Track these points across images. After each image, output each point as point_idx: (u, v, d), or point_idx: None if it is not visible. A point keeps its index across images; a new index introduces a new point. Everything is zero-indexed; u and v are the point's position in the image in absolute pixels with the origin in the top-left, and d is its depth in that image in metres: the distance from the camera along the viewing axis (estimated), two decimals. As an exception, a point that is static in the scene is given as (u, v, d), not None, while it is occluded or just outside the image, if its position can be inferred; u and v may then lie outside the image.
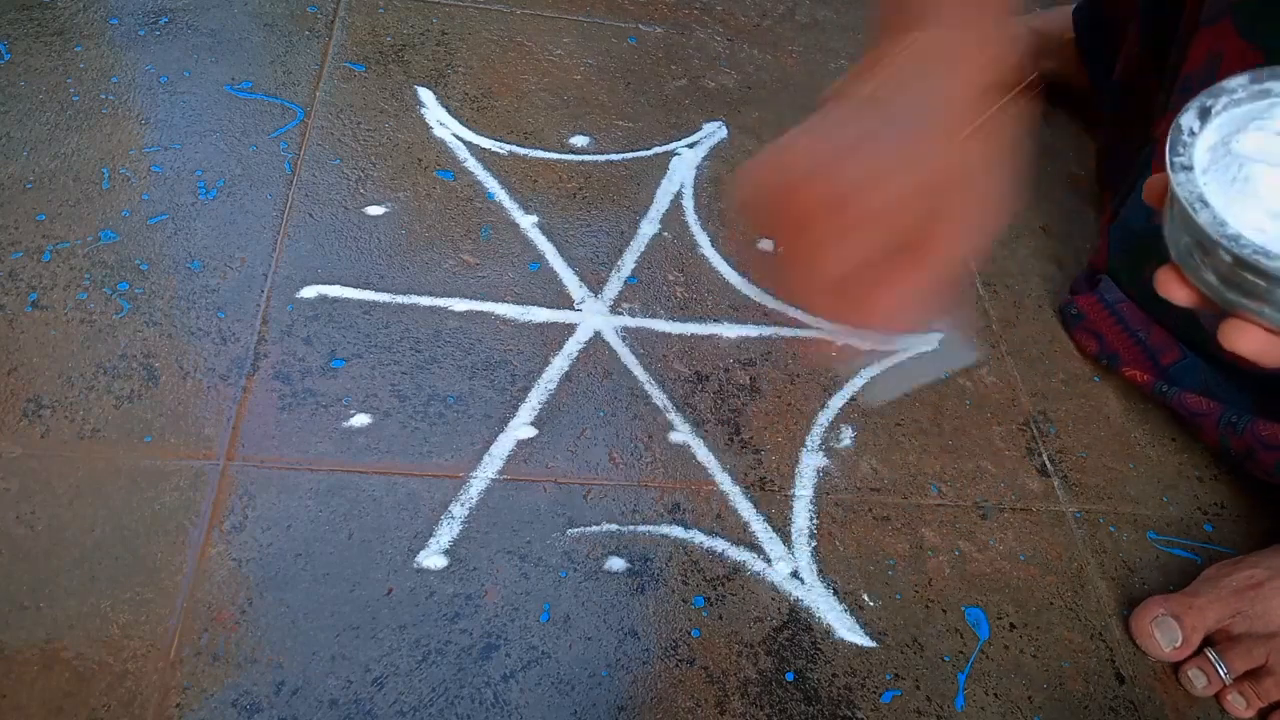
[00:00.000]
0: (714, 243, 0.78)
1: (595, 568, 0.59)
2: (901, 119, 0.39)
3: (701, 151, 0.85)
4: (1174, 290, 0.37)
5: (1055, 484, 0.69)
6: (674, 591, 0.59)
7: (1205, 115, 0.38)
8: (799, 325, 0.74)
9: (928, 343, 0.75)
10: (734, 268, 0.77)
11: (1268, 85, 0.38)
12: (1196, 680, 0.60)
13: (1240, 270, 0.34)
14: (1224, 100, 0.38)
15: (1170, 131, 0.37)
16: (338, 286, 0.69)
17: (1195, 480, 0.72)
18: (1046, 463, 0.70)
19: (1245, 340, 0.35)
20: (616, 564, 0.59)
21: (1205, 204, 0.35)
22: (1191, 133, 0.37)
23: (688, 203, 0.81)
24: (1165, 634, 0.60)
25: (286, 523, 0.57)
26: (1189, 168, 0.36)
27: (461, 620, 0.55)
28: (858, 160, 0.38)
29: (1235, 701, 0.59)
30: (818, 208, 0.38)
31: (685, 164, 0.84)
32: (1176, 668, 0.61)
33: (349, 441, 0.61)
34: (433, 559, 0.57)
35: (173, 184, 0.72)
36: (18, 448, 0.57)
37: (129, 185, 0.71)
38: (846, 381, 0.71)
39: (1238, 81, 0.38)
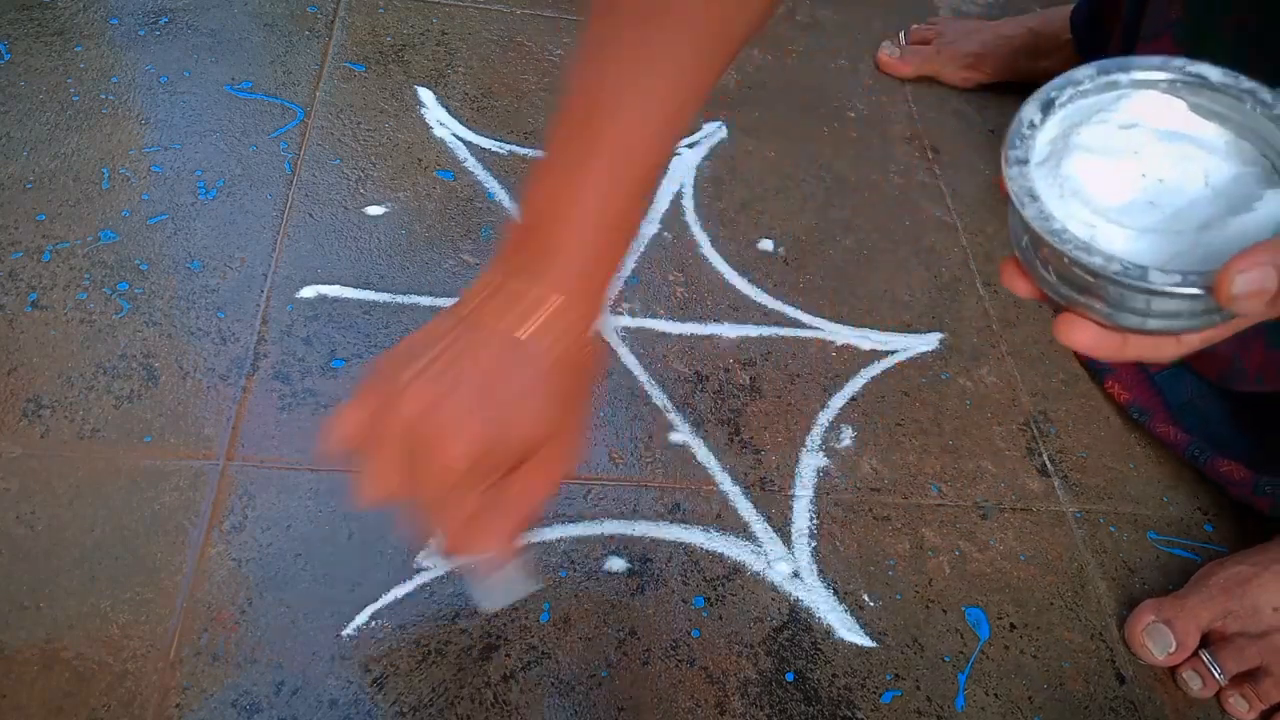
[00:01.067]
0: (714, 243, 0.78)
1: (595, 568, 0.59)
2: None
3: (701, 151, 0.85)
4: (1016, 283, 0.37)
5: (1055, 484, 0.69)
6: (674, 591, 0.58)
7: (1049, 107, 0.36)
8: (799, 325, 0.74)
9: (927, 343, 0.75)
10: (734, 268, 0.77)
11: (1115, 76, 0.36)
12: (1192, 682, 0.60)
13: (1069, 266, 0.33)
14: (1069, 92, 0.36)
15: (1011, 124, 0.36)
16: (338, 286, 0.69)
17: (1195, 480, 0.72)
18: (1047, 463, 0.70)
19: (1078, 334, 0.35)
20: (616, 564, 0.59)
21: (1034, 198, 0.34)
22: (1032, 125, 0.36)
23: (688, 203, 0.81)
24: (1157, 642, 0.60)
25: (286, 523, 0.57)
26: (1024, 161, 0.35)
27: (461, 620, 0.55)
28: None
29: (1237, 704, 0.59)
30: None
31: (685, 164, 0.84)
32: (1174, 670, 0.61)
33: (349, 441, 0.61)
34: (433, 559, 0.57)
35: (173, 184, 0.72)
36: (18, 448, 0.57)
37: (129, 185, 0.71)
38: (846, 381, 0.71)
39: (1085, 72, 0.37)
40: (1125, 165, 0.35)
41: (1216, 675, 0.59)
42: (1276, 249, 0.30)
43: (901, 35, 1.00)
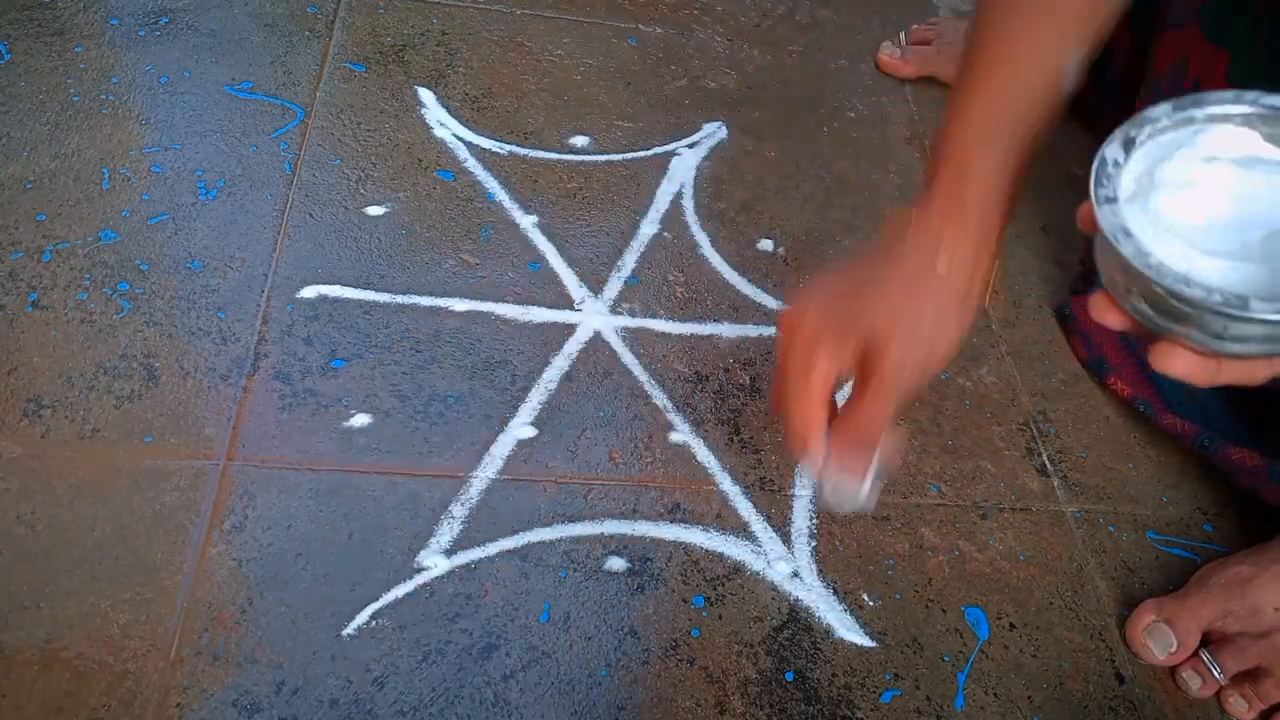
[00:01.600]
0: (714, 243, 0.78)
1: (595, 568, 0.59)
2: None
3: (701, 151, 0.85)
4: (1108, 316, 0.39)
5: (1055, 484, 0.69)
6: (674, 591, 0.59)
7: (1129, 146, 0.38)
8: (799, 325, 0.74)
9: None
10: (734, 268, 0.77)
11: (1190, 113, 0.38)
12: (1191, 682, 0.60)
13: (1167, 298, 0.34)
14: (1148, 130, 0.38)
15: (1094, 163, 0.37)
16: (338, 286, 0.69)
17: (1195, 480, 0.72)
18: (1046, 463, 0.70)
19: (1175, 363, 0.36)
20: (616, 564, 0.59)
21: (1129, 235, 0.35)
22: (1116, 164, 0.37)
23: (688, 203, 0.81)
24: (1158, 641, 0.60)
25: (287, 523, 0.57)
26: (1113, 199, 0.36)
27: (461, 620, 0.55)
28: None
29: (1237, 704, 0.59)
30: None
31: (685, 164, 0.84)
32: (1174, 670, 0.61)
33: (349, 441, 0.61)
34: (433, 559, 0.57)
35: (173, 184, 0.72)
36: (18, 448, 0.57)
37: (129, 185, 0.71)
38: (846, 381, 0.71)
39: (1161, 110, 0.38)
40: (1211, 198, 0.37)
41: (1217, 675, 0.59)
42: None
43: (902, 35, 1.00)
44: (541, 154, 0.81)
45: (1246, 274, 0.35)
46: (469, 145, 0.81)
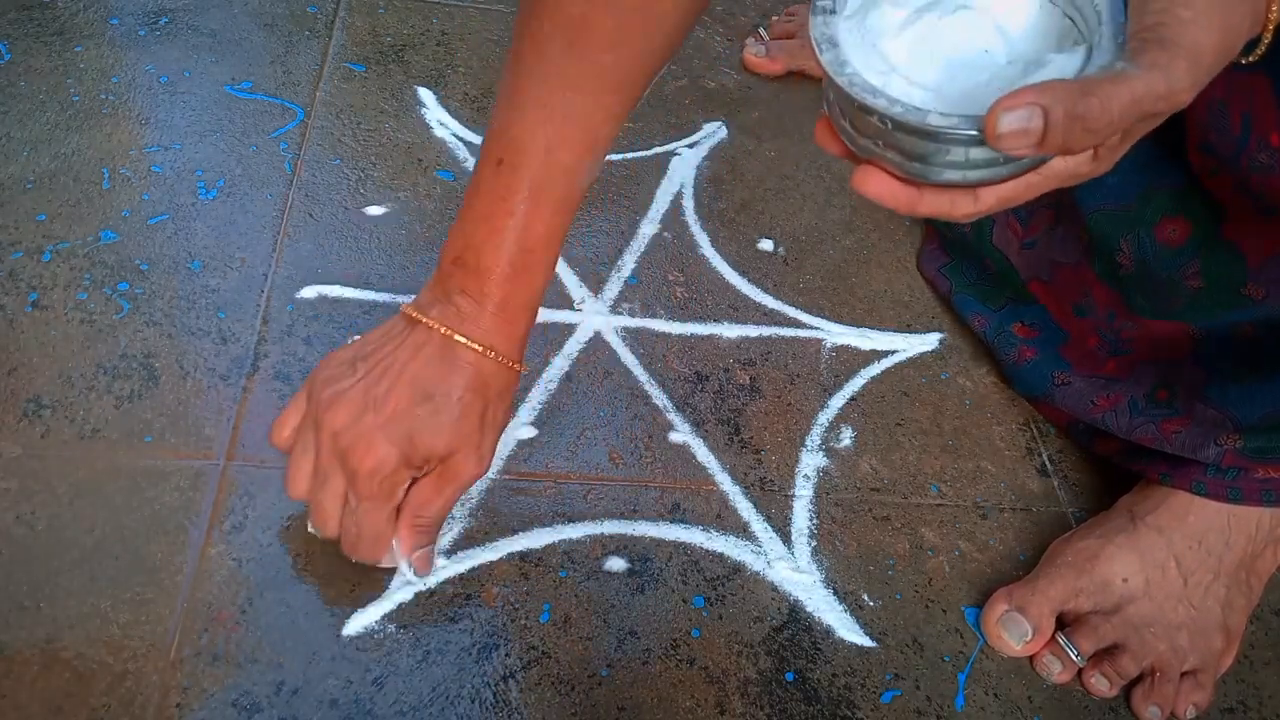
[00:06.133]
0: (714, 243, 0.78)
1: (595, 568, 0.59)
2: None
3: (701, 151, 0.85)
4: (826, 141, 0.38)
5: (1055, 484, 0.69)
6: (674, 591, 0.59)
7: None
8: (799, 325, 0.74)
9: (927, 343, 0.75)
10: (734, 268, 0.77)
11: None
12: (1052, 666, 0.58)
13: (863, 114, 0.34)
14: None
15: None
16: (338, 286, 0.69)
17: (1195, 480, 0.72)
18: (1046, 463, 0.70)
19: (872, 184, 0.36)
20: (616, 564, 0.59)
21: (834, 45, 0.34)
22: None
23: (688, 203, 0.81)
24: (1013, 631, 0.58)
25: (287, 523, 0.57)
26: (830, 11, 0.35)
27: (461, 620, 0.55)
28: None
29: (1098, 683, 0.57)
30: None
31: (685, 164, 0.84)
32: (1033, 659, 0.59)
33: (349, 441, 0.61)
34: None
35: (173, 184, 0.72)
36: (18, 448, 0.57)
37: (129, 185, 0.71)
38: (846, 381, 0.71)
39: None
40: (926, 19, 0.36)
41: (1074, 657, 0.58)
42: (1042, 92, 0.30)
43: (763, 31, 0.96)
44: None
45: (943, 97, 0.34)
46: (469, 145, 0.81)
